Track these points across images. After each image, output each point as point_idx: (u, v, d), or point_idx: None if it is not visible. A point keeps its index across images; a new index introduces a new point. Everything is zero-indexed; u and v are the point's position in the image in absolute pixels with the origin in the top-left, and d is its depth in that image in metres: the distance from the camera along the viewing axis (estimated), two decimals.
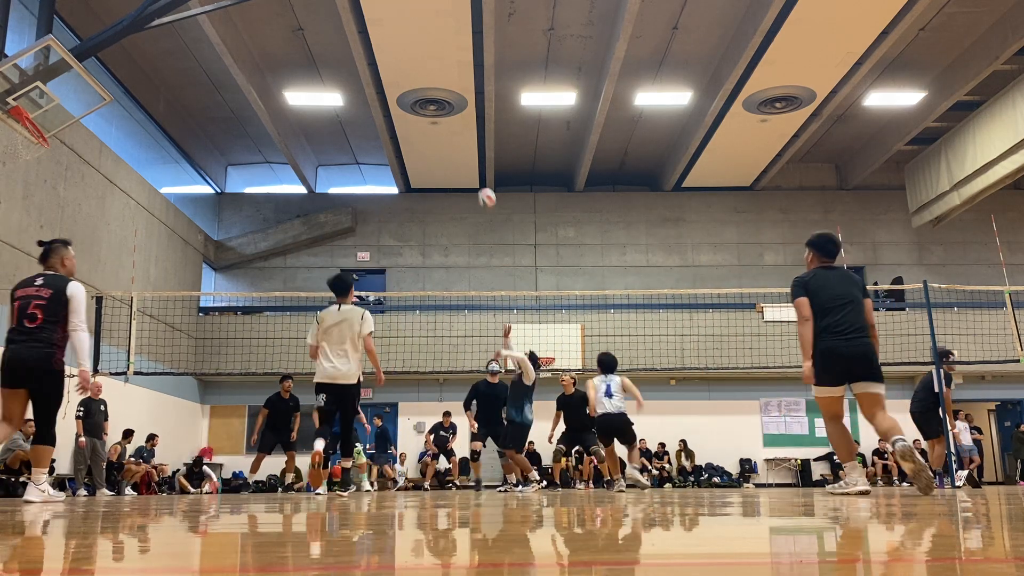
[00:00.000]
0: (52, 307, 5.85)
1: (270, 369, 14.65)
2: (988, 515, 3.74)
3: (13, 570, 1.92)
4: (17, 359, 5.79)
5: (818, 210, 20.41)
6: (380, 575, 1.89)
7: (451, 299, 18.13)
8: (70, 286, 5.95)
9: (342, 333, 7.26)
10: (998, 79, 15.23)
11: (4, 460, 11.12)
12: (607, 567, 1.89)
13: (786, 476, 17.95)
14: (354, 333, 7.25)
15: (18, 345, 5.80)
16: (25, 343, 5.79)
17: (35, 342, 5.79)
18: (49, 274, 6.04)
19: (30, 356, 5.77)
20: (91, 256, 13.56)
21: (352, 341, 7.27)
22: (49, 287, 5.90)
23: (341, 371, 7.24)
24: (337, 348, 7.24)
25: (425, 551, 2.40)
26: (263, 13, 13.78)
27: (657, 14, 13.70)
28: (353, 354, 7.30)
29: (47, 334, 5.82)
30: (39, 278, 5.98)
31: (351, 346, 7.28)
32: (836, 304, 5.69)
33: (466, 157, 18.10)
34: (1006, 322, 12.37)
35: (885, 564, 1.98)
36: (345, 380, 7.25)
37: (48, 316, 5.83)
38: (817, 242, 6.12)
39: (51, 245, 6.18)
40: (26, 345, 5.78)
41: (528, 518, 3.89)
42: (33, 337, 5.79)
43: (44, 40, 8.62)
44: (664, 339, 15.93)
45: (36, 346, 5.78)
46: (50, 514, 4.46)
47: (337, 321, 7.32)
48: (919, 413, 10.51)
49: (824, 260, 6.05)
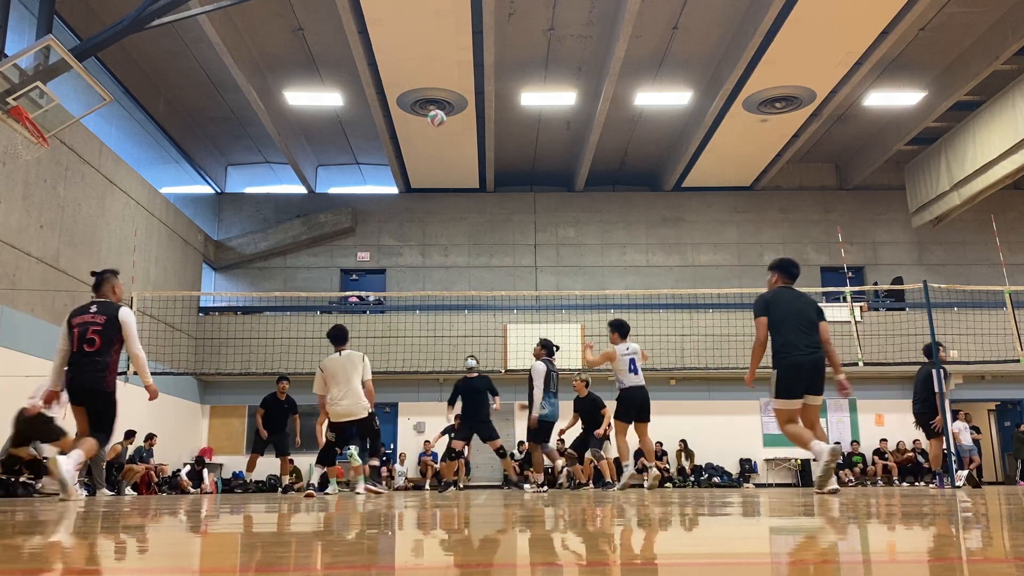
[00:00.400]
0: (107, 332, 6.39)
1: (270, 369, 14.66)
2: (987, 515, 3.74)
3: (16, 571, 1.92)
4: (76, 382, 6.36)
5: (818, 210, 20.41)
6: (381, 574, 1.88)
7: (451, 299, 18.13)
8: (121, 312, 6.50)
9: (347, 374, 8.11)
10: (998, 79, 15.23)
11: (4, 460, 11.11)
12: (607, 567, 1.89)
13: (786, 476, 17.96)
14: (358, 373, 8.15)
15: (79, 368, 6.35)
16: (84, 367, 6.34)
17: (92, 365, 6.34)
18: (101, 301, 6.58)
19: (86, 379, 6.34)
20: (91, 256, 13.56)
21: (357, 379, 8.15)
22: (103, 313, 6.45)
23: (351, 409, 8.12)
24: (345, 388, 8.07)
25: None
26: (263, 13, 13.78)
27: (657, 14, 13.70)
28: (360, 391, 8.18)
29: (103, 357, 6.37)
30: (93, 305, 6.53)
31: (358, 385, 8.17)
32: (796, 322, 6.18)
33: (466, 157, 18.10)
34: (1006, 322, 12.37)
35: (885, 564, 1.98)
36: (359, 415, 8.14)
37: (105, 340, 6.38)
38: (781, 265, 6.54)
39: (103, 275, 6.74)
40: (84, 369, 6.34)
41: (526, 518, 3.89)
42: (91, 361, 6.34)
43: (44, 40, 8.62)
44: (664, 339, 15.92)
45: (92, 369, 6.34)
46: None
47: (342, 365, 8.17)
48: (920, 414, 10.47)
49: (786, 281, 6.50)
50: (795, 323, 6.15)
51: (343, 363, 8.15)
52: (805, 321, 6.18)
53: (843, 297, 13.32)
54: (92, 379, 6.32)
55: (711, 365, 16.06)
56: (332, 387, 8.12)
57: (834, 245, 19.45)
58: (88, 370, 6.31)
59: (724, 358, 16.32)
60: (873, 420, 18.07)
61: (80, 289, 13.03)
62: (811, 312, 6.29)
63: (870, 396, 17.93)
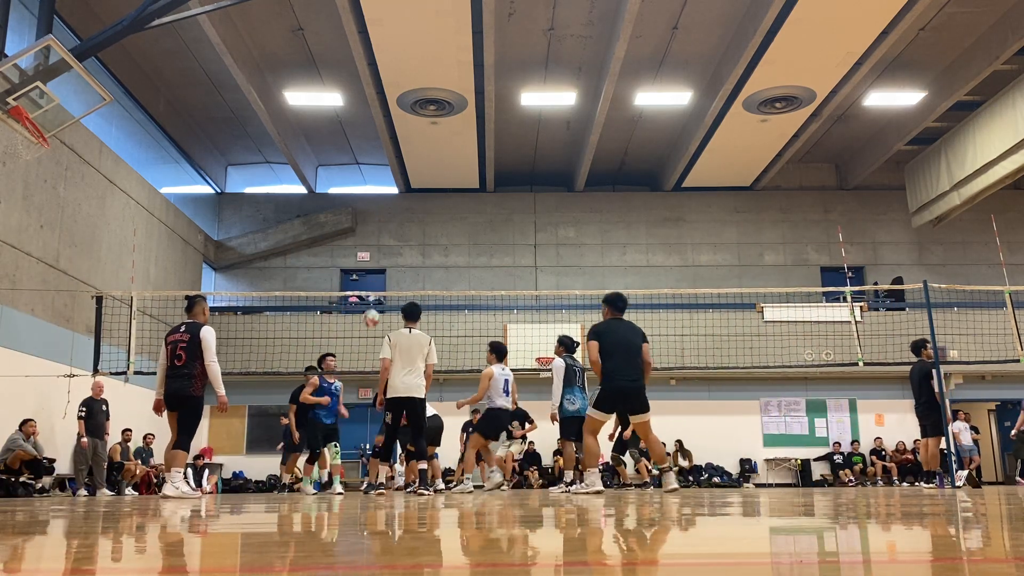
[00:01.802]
0: (192, 348, 7.58)
1: (270, 369, 14.64)
2: (987, 515, 3.73)
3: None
4: (169, 391, 7.55)
5: (818, 210, 20.41)
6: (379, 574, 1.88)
7: (451, 299, 18.11)
8: (203, 331, 7.67)
9: (413, 354, 8.27)
10: (998, 79, 15.23)
11: (4, 460, 11.12)
12: (608, 567, 1.89)
13: (786, 476, 17.95)
14: (423, 355, 8.31)
15: (172, 380, 7.55)
16: (175, 378, 7.54)
17: (180, 377, 7.52)
18: (189, 322, 7.78)
19: (176, 388, 7.52)
20: (91, 256, 13.57)
21: (422, 360, 8.32)
22: (188, 332, 7.66)
23: (411, 387, 8.24)
24: (409, 365, 8.25)
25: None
26: (263, 13, 13.78)
27: (657, 14, 13.70)
28: (422, 372, 8.33)
29: (188, 369, 7.53)
30: (183, 326, 7.76)
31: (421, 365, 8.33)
32: (624, 350, 7.38)
33: (466, 157, 18.09)
34: (1006, 322, 12.35)
35: (885, 564, 1.98)
36: (415, 395, 8.29)
37: (189, 356, 7.55)
38: (611, 300, 7.75)
39: (195, 300, 7.97)
40: (175, 380, 7.53)
41: (527, 518, 3.89)
42: (179, 373, 7.52)
43: (44, 40, 8.61)
44: (664, 339, 15.90)
45: (180, 379, 7.51)
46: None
47: (411, 344, 8.34)
48: (922, 415, 10.43)
49: (615, 314, 7.68)
50: (624, 351, 7.36)
51: (412, 342, 8.31)
52: (632, 348, 7.41)
53: (843, 297, 13.31)
54: (180, 387, 7.48)
55: (711, 365, 16.05)
56: (396, 362, 8.25)
57: (834, 245, 19.44)
58: (176, 381, 7.50)
59: (724, 358, 16.31)
60: (873, 420, 18.07)
61: (80, 289, 13.03)
62: (636, 339, 7.50)
63: (870, 396, 17.93)
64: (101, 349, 11.53)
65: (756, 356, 15.86)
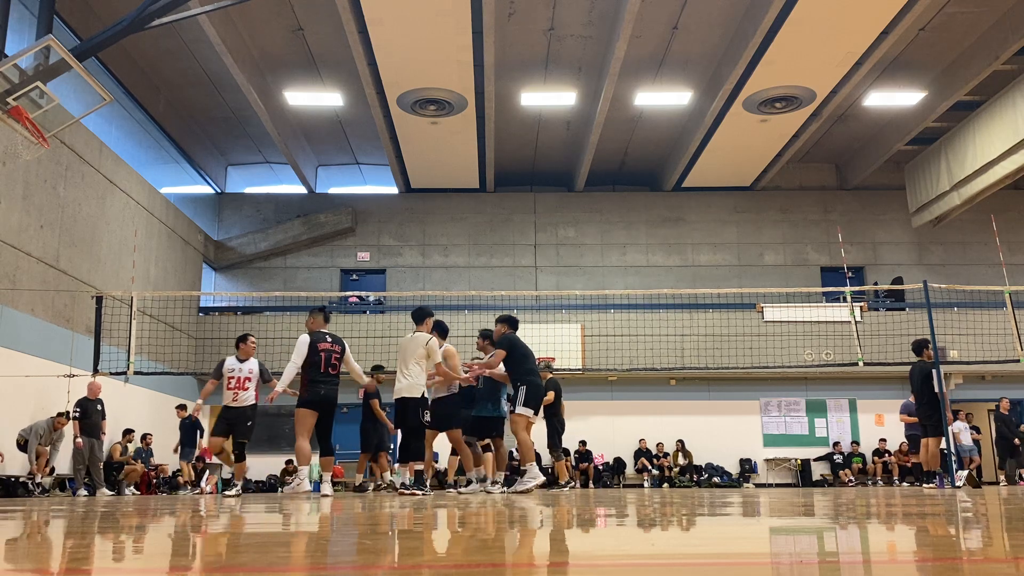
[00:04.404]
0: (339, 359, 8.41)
1: (270, 369, 14.62)
2: (987, 515, 3.73)
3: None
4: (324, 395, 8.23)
5: (818, 210, 20.41)
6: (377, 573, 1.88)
7: (451, 299, 18.10)
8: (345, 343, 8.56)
9: (405, 356, 8.28)
10: (998, 79, 15.22)
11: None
12: (608, 567, 1.89)
13: (786, 476, 17.95)
14: (415, 356, 8.24)
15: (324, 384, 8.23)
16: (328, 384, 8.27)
17: (333, 384, 8.32)
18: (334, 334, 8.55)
19: (330, 393, 8.30)
20: (91, 256, 13.56)
21: (415, 362, 8.24)
22: (338, 344, 8.42)
23: (401, 388, 8.26)
24: (403, 368, 8.27)
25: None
26: (263, 13, 13.78)
27: (657, 14, 13.70)
28: (417, 373, 8.25)
29: (337, 378, 8.39)
30: (329, 336, 8.43)
31: (415, 367, 8.27)
32: (529, 355, 8.75)
33: (466, 157, 18.09)
34: (1006, 322, 12.35)
35: (885, 564, 1.98)
36: (405, 394, 8.27)
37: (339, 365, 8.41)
38: (507, 319, 9.00)
39: (328, 310, 8.80)
40: (328, 385, 8.27)
41: (525, 518, 3.88)
42: (334, 381, 8.33)
43: (44, 40, 8.62)
44: (664, 339, 15.92)
45: (333, 386, 8.33)
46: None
47: (404, 346, 8.40)
48: (923, 416, 10.42)
49: (512, 330, 8.92)
50: (533, 359, 8.78)
51: (407, 345, 8.32)
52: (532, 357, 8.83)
53: (843, 297, 13.31)
54: (333, 393, 8.29)
55: (711, 365, 16.05)
56: (399, 366, 8.33)
57: (834, 245, 19.44)
58: (330, 386, 8.25)
59: (724, 358, 16.32)
60: (873, 420, 18.07)
61: (80, 289, 13.03)
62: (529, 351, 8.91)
63: (870, 396, 17.93)
64: (101, 349, 11.54)
65: (756, 356, 15.87)
